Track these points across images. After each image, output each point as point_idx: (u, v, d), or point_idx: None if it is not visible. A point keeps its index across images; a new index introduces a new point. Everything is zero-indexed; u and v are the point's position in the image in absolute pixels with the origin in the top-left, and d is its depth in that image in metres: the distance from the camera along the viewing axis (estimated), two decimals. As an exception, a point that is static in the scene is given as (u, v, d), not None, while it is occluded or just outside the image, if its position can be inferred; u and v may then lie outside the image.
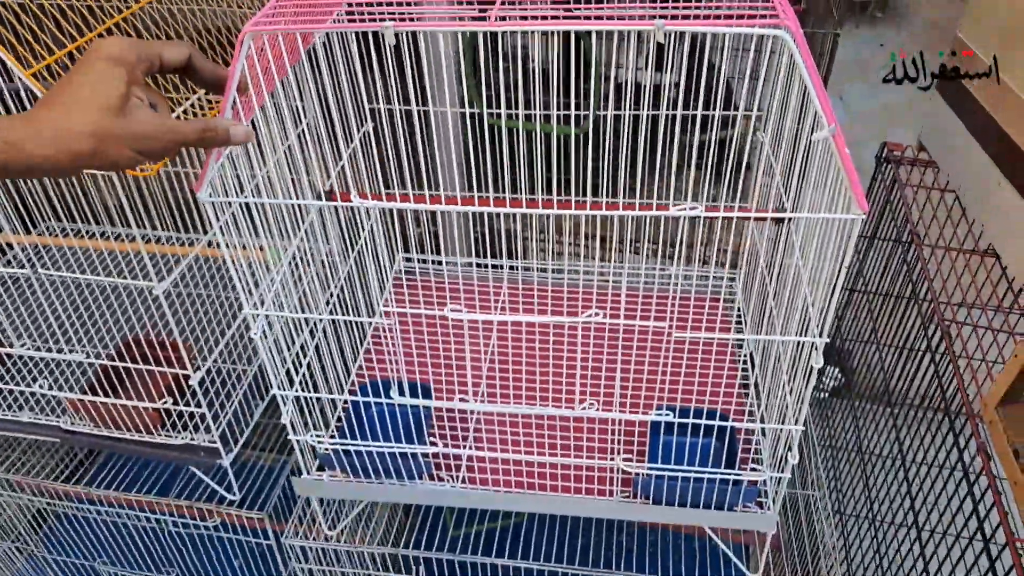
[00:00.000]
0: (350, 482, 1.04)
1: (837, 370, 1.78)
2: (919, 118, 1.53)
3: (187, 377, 1.05)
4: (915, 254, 1.40)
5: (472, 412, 1.07)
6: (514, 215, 1.15)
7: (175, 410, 1.10)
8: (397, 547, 1.13)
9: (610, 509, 1.01)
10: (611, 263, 1.25)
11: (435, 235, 1.42)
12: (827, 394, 1.78)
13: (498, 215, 1.19)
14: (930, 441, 1.24)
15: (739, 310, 1.25)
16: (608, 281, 1.28)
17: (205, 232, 1.30)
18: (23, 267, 1.15)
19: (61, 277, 1.12)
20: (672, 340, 0.86)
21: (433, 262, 1.35)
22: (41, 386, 1.09)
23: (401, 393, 0.95)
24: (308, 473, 1.05)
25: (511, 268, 1.29)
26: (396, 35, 0.65)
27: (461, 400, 0.99)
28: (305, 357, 0.99)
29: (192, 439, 1.12)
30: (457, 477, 1.03)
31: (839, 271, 0.73)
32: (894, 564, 1.30)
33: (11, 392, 1.17)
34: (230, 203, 0.79)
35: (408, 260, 1.36)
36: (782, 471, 0.93)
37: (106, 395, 1.12)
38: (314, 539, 1.15)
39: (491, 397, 1.11)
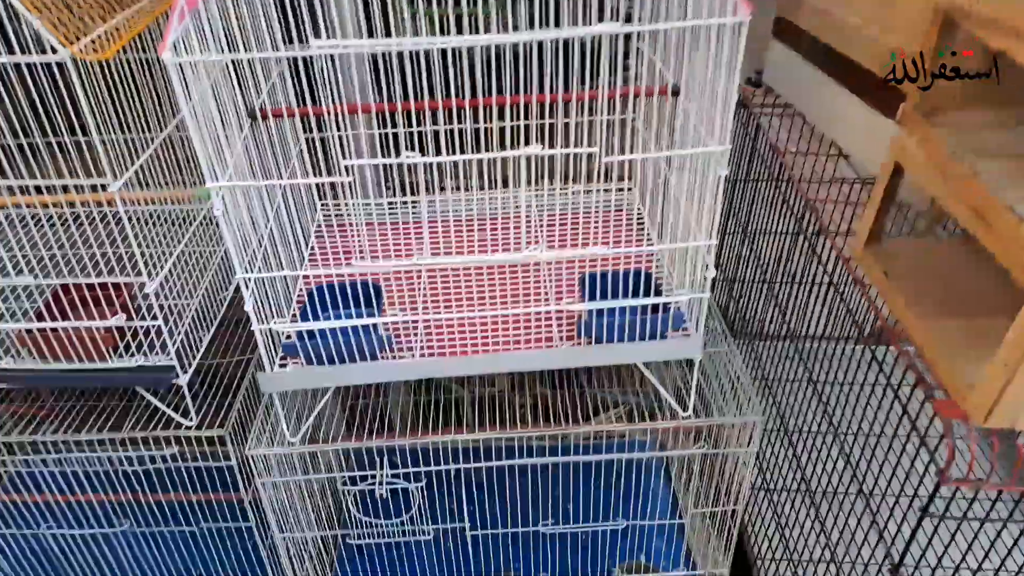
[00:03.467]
0: (314, 369, 1.10)
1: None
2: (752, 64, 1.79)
3: (142, 286, 1.08)
4: (779, 162, 1.63)
5: (421, 273, 1.17)
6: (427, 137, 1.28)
7: (128, 327, 1.12)
8: (361, 441, 1.18)
9: (558, 357, 1.12)
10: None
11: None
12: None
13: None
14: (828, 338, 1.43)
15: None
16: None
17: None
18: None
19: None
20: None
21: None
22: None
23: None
24: (272, 368, 1.10)
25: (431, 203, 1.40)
26: None
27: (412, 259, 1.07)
28: (262, 240, 1.05)
29: (146, 360, 1.14)
30: (415, 350, 1.11)
31: (734, 75, 0.90)
32: (807, 468, 1.47)
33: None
34: (197, 62, 0.86)
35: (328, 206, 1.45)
36: (702, 291, 1.07)
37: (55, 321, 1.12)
38: (279, 445, 1.18)
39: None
